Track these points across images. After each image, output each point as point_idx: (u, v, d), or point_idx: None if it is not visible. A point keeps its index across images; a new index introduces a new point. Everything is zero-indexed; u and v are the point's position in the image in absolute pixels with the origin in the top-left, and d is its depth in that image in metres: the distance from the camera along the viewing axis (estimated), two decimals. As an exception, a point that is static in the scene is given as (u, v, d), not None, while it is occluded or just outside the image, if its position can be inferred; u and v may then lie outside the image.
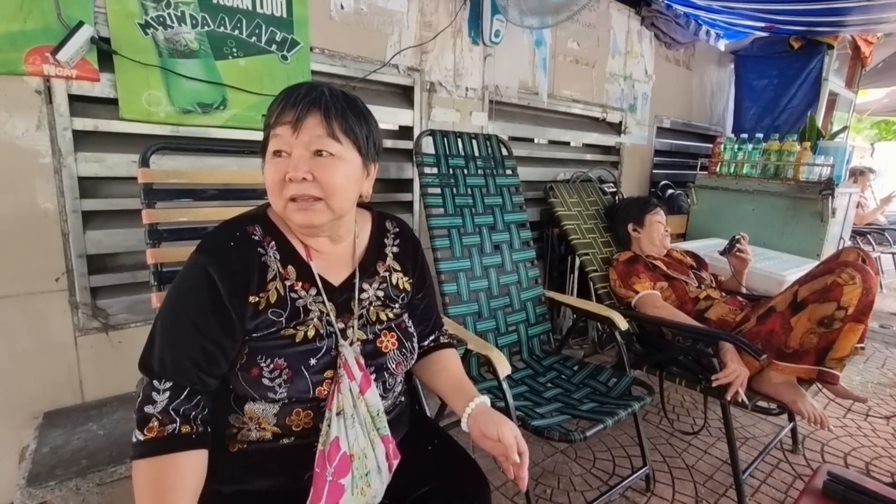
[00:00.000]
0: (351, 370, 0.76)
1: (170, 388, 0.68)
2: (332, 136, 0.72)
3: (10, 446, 1.26)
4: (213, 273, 0.70)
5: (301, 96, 0.72)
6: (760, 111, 3.58)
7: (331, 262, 0.82)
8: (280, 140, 0.72)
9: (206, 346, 0.70)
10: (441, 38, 1.95)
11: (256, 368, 0.72)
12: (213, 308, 0.70)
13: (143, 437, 0.66)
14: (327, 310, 0.78)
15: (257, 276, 0.74)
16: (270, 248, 0.77)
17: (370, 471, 0.77)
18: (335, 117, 0.72)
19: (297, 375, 0.73)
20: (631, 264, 1.84)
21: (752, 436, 1.89)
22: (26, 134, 1.22)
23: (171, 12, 1.36)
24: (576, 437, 1.17)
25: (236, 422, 0.77)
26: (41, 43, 1.20)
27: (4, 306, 1.23)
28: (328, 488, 0.72)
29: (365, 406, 0.77)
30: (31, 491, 1.02)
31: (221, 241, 0.75)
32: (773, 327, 1.48)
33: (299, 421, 0.76)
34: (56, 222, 1.28)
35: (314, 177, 0.71)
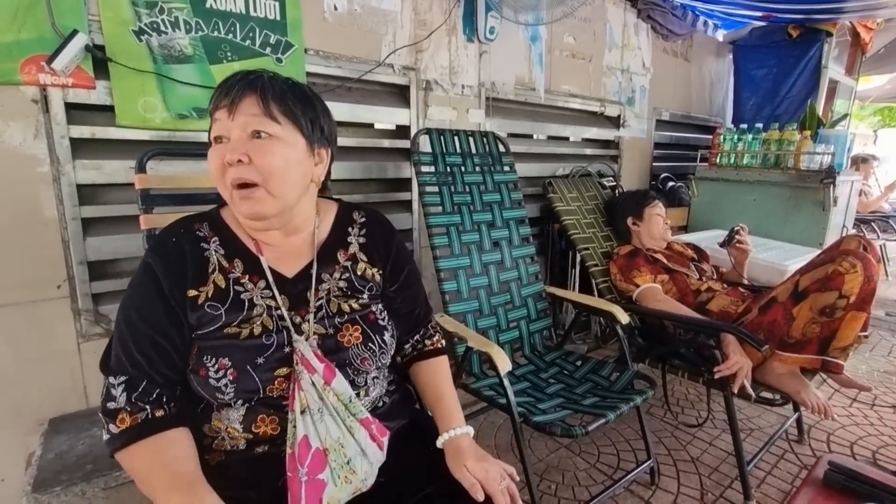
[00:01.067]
0: (310, 363, 0.73)
1: (124, 382, 0.69)
2: (269, 116, 0.71)
3: (17, 453, 1.27)
4: (154, 267, 0.72)
5: (237, 79, 0.72)
6: (760, 101, 3.56)
7: (284, 254, 0.81)
8: (219, 125, 0.72)
9: (155, 338, 0.70)
10: (436, 37, 1.95)
11: (203, 369, 0.71)
12: (158, 300, 0.71)
13: (118, 429, 0.67)
14: (278, 303, 0.76)
15: (198, 270, 0.74)
16: (213, 243, 0.77)
17: (352, 457, 0.75)
18: (272, 97, 0.72)
19: (243, 374, 0.71)
20: (631, 258, 1.83)
21: (757, 427, 1.88)
22: (24, 143, 1.23)
23: (165, 18, 1.37)
24: (578, 431, 1.17)
25: (210, 432, 0.77)
26: (36, 52, 1.21)
27: (8, 314, 1.24)
28: (305, 488, 0.70)
29: (334, 396, 0.75)
30: (37, 497, 1.03)
31: (165, 238, 0.76)
32: (774, 318, 1.48)
33: (266, 428, 0.75)
34: (56, 230, 1.29)
35: (251, 159, 0.70)
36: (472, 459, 0.80)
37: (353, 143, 1.81)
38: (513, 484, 0.79)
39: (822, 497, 0.71)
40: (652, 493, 1.51)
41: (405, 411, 0.94)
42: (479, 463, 0.79)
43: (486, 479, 0.77)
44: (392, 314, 0.89)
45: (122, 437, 0.67)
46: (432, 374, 0.94)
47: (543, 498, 1.48)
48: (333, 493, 0.73)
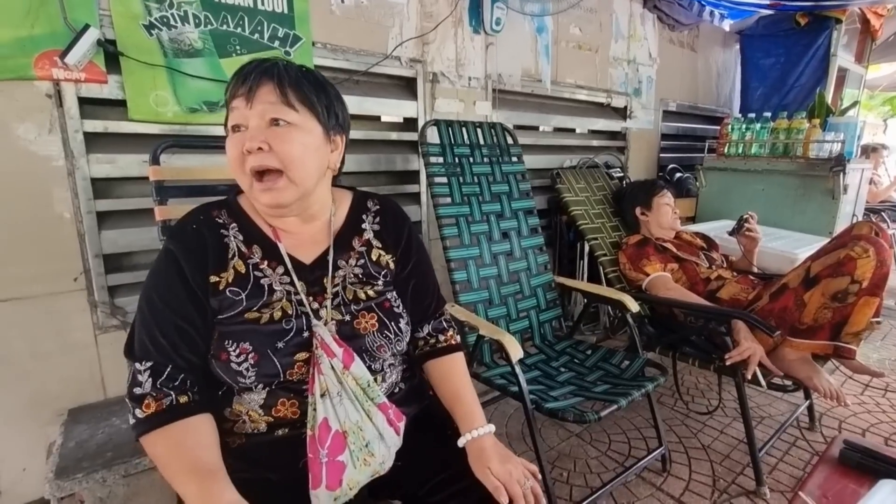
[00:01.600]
0: (329, 348, 0.74)
1: (150, 368, 0.70)
2: (287, 104, 0.72)
3: (38, 442, 1.30)
4: (176, 253, 0.73)
5: (253, 67, 0.73)
6: (768, 90, 3.53)
7: (301, 241, 0.82)
8: (237, 113, 0.72)
9: (179, 323, 0.71)
10: (442, 29, 1.95)
11: (225, 353, 0.72)
12: (181, 286, 0.72)
13: (144, 414, 0.68)
14: (296, 289, 0.77)
15: (217, 255, 0.75)
16: (232, 229, 0.78)
17: (370, 441, 0.76)
18: (289, 85, 0.72)
19: (264, 358, 0.72)
20: (641, 247, 1.83)
21: (769, 415, 1.88)
22: (39, 138, 1.25)
23: (175, 12, 1.38)
24: (590, 417, 1.18)
25: (231, 415, 0.78)
26: (49, 47, 1.22)
27: (27, 307, 1.26)
28: (326, 469, 0.71)
29: (352, 380, 0.76)
30: (59, 484, 1.05)
31: (185, 225, 0.77)
32: (786, 304, 1.47)
33: (286, 411, 0.76)
34: (72, 223, 1.30)
35: (270, 146, 0.70)
36: (496, 461, 0.79)
37: (361, 135, 1.82)
38: (537, 485, 0.79)
39: (839, 475, 0.71)
40: (664, 480, 1.52)
41: (421, 398, 0.95)
42: (504, 465, 0.79)
43: (509, 482, 0.76)
44: (404, 302, 0.89)
45: (147, 422, 0.68)
46: (448, 373, 0.93)
47: (556, 485, 1.49)
48: (353, 475, 0.74)
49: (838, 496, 0.67)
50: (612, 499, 1.44)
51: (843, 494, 0.66)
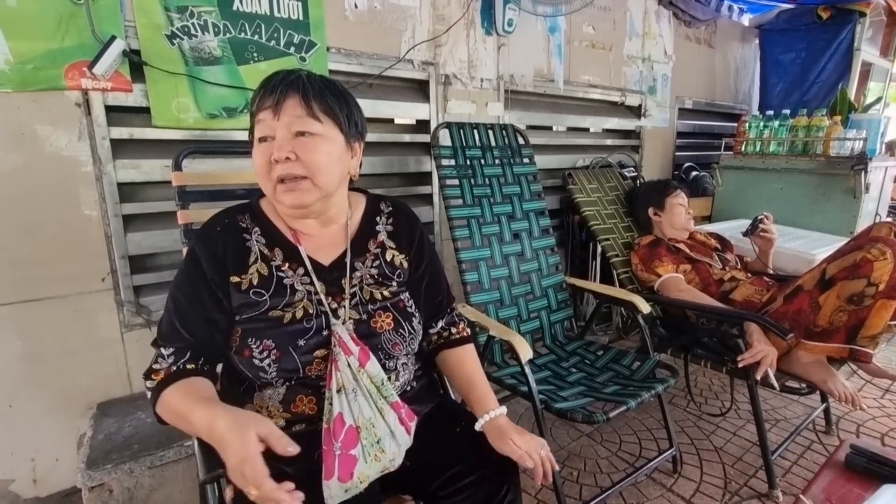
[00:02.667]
0: (346, 345, 0.78)
1: (173, 352, 0.76)
2: (312, 116, 0.76)
3: (69, 435, 1.37)
4: (198, 253, 0.78)
5: (279, 80, 0.76)
6: (788, 86, 3.45)
7: (321, 244, 0.86)
8: (263, 125, 0.76)
9: (201, 320, 0.77)
10: (454, 31, 1.97)
11: (247, 350, 0.76)
12: (201, 284, 0.77)
13: (153, 383, 0.74)
14: (316, 289, 0.81)
15: (238, 258, 0.79)
16: (255, 233, 0.82)
17: (381, 437, 0.79)
18: (314, 97, 0.76)
19: (286, 355, 0.76)
20: (653, 248, 1.83)
21: (784, 418, 1.86)
22: (69, 145, 1.31)
23: (195, 22, 1.43)
24: (599, 418, 1.19)
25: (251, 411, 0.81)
26: (78, 58, 1.28)
27: (58, 306, 1.33)
28: (339, 461, 0.75)
29: (367, 378, 0.79)
30: (90, 473, 1.11)
31: (209, 227, 0.82)
32: (800, 306, 1.46)
33: (304, 408, 0.80)
34: (99, 226, 1.37)
35: (297, 156, 0.75)
36: (516, 435, 0.85)
37: (374, 138, 1.85)
38: (549, 453, 0.87)
39: (844, 479, 0.71)
40: (674, 482, 1.52)
41: (432, 397, 0.98)
42: (521, 437, 0.86)
43: (529, 450, 0.84)
44: (417, 300, 0.93)
45: (157, 388, 0.74)
46: (461, 362, 0.98)
47: (565, 484, 1.51)
48: (363, 469, 0.77)
49: (842, 500, 0.67)
50: (621, 499, 1.45)
51: (847, 499, 0.67)
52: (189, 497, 1.26)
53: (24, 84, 1.24)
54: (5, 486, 1.33)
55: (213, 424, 0.66)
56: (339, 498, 0.76)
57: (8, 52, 1.21)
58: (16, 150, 1.25)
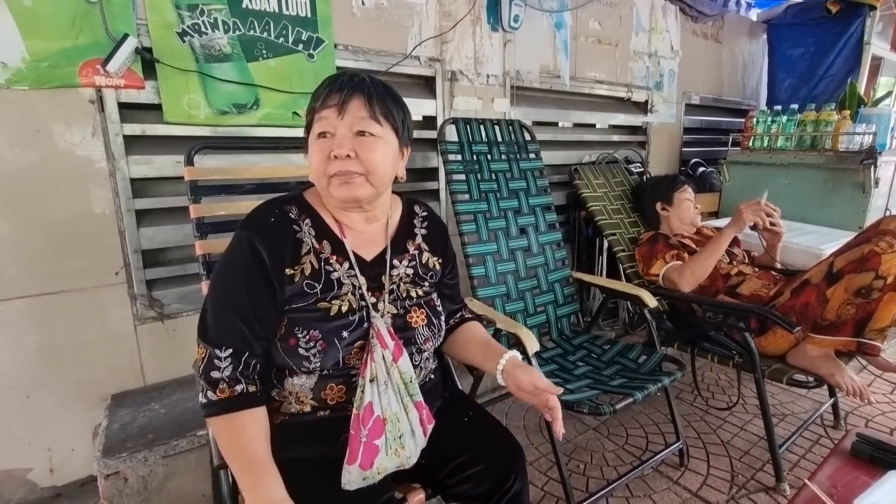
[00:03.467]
0: (383, 339, 0.81)
1: (230, 355, 0.75)
2: (373, 118, 0.79)
3: (85, 425, 1.40)
4: (258, 246, 0.77)
5: (345, 82, 0.79)
6: (796, 81, 3.43)
7: (363, 240, 0.88)
8: (326, 122, 0.78)
9: (256, 311, 0.77)
10: (460, 27, 1.98)
11: (294, 339, 0.78)
12: (260, 277, 0.77)
13: (217, 398, 0.74)
14: (360, 283, 0.83)
15: (292, 250, 0.80)
16: (305, 225, 0.83)
17: (403, 434, 0.82)
18: (376, 101, 0.79)
19: (330, 347, 0.78)
20: (652, 244, 1.82)
21: (791, 412, 1.86)
22: (83, 141, 1.33)
23: (205, 20, 1.45)
24: (605, 409, 1.20)
25: (278, 396, 0.83)
26: (92, 56, 1.31)
27: (74, 299, 1.36)
28: (363, 448, 0.77)
29: (398, 373, 0.82)
30: (106, 462, 1.14)
31: (263, 218, 0.82)
32: (808, 300, 1.46)
33: (333, 395, 0.82)
34: (113, 221, 1.39)
35: (356, 154, 0.77)
36: (536, 374, 0.86)
37: (381, 134, 1.86)
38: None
39: (850, 466, 0.72)
40: (681, 475, 1.53)
41: (443, 392, 1.01)
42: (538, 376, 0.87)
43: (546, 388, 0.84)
44: (443, 299, 0.98)
45: (218, 405, 0.74)
46: (475, 330, 1.03)
47: (572, 477, 1.52)
48: (383, 461, 0.79)
49: (847, 487, 0.68)
50: (628, 491, 1.45)
51: (852, 485, 0.67)
52: (201, 486, 1.28)
53: (39, 82, 1.26)
54: (23, 475, 1.36)
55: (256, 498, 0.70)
56: (355, 484, 0.78)
57: (24, 51, 1.24)
58: (32, 146, 1.27)
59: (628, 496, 1.44)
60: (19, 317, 1.30)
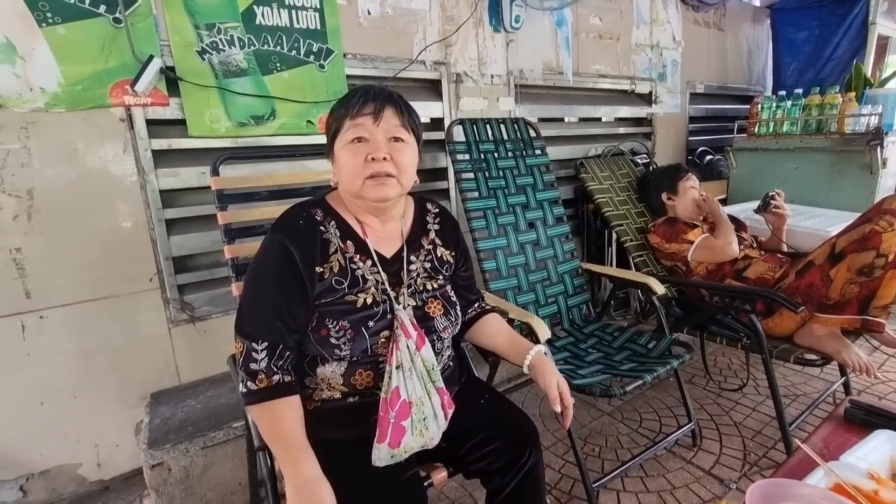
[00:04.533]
0: (407, 329, 0.88)
1: (266, 348, 0.83)
2: (403, 126, 0.89)
3: (127, 423, 1.50)
4: (290, 247, 0.85)
5: (377, 93, 0.88)
6: (802, 65, 3.42)
7: (382, 239, 0.95)
8: (361, 128, 0.86)
9: (290, 306, 0.84)
10: (463, 30, 2.04)
11: (325, 329, 0.85)
12: (292, 275, 0.84)
13: (256, 387, 0.81)
14: (382, 279, 0.91)
15: (321, 250, 0.88)
16: (331, 226, 0.91)
17: (427, 416, 0.88)
18: (404, 111, 0.89)
19: (359, 335, 0.86)
20: (671, 224, 1.87)
21: (804, 393, 1.89)
22: (116, 157, 1.43)
23: (222, 37, 1.53)
24: (615, 391, 1.26)
25: (311, 383, 0.91)
26: (121, 77, 1.40)
27: (112, 305, 1.46)
28: (391, 429, 0.84)
29: (421, 361, 0.89)
30: (152, 453, 1.23)
31: (293, 221, 0.89)
32: (812, 280, 1.49)
33: (362, 381, 0.89)
34: (145, 231, 1.49)
35: (391, 157, 0.86)
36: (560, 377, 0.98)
37: (391, 137, 1.94)
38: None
39: (843, 430, 0.77)
40: (694, 454, 1.57)
41: (461, 378, 1.08)
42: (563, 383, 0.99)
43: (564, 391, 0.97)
44: (458, 293, 1.05)
45: (257, 394, 0.82)
46: (499, 323, 1.12)
47: (587, 459, 1.57)
48: (409, 441, 0.87)
49: (839, 447, 0.73)
50: (642, 471, 1.51)
51: (843, 446, 0.72)
52: (237, 475, 1.37)
53: (74, 104, 1.36)
54: (73, 470, 1.46)
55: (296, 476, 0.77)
56: (384, 461, 0.85)
57: (60, 76, 1.33)
58: (70, 164, 1.37)
59: (643, 475, 1.49)
60: (65, 323, 1.40)
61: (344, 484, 0.78)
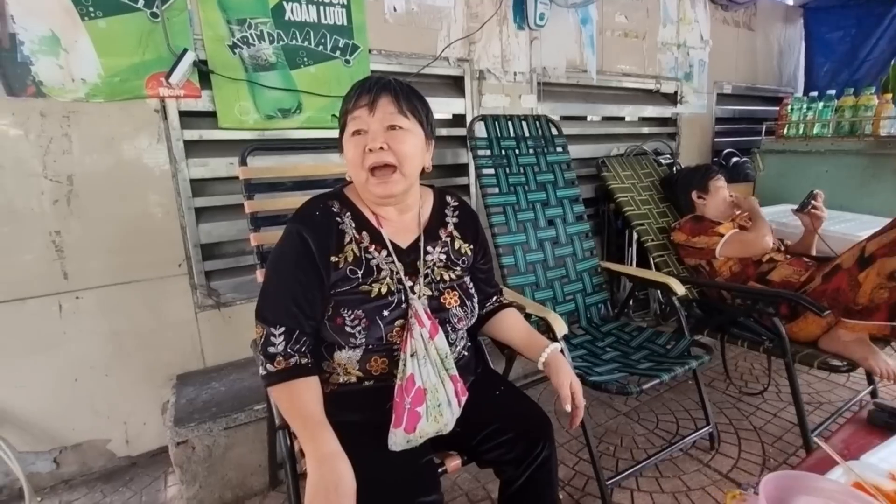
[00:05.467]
0: (421, 318, 0.89)
1: (283, 333, 0.86)
2: (401, 113, 0.88)
3: (154, 402, 1.56)
4: (306, 236, 0.87)
5: (373, 83, 0.88)
6: (836, 66, 3.32)
7: (398, 229, 0.97)
8: (359, 121, 0.87)
9: (306, 294, 0.87)
10: (487, 28, 2.05)
11: (340, 318, 0.87)
12: (309, 264, 0.87)
13: (274, 369, 0.84)
14: (397, 268, 0.92)
15: (336, 240, 0.90)
16: (346, 217, 0.93)
17: (441, 403, 0.90)
18: (402, 98, 0.88)
19: (373, 324, 0.88)
20: (698, 222, 1.85)
21: (828, 401, 1.84)
22: (150, 146, 1.49)
23: (253, 32, 1.58)
24: (632, 389, 1.25)
25: (328, 367, 0.94)
26: (157, 70, 1.46)
27: (143, 288, 1.52)
28: (407, 415, 0.86)
29: (435, 349, 0.90)
30: (178, 430, 1.28)
31: (310, 212, 0.92)
32: (839, 285, 1.46)
33: (377, 367, 0.92)
34: (176, 218, 1.54)
35: (389, 146, 0.86)
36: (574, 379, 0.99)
37: (413, 133, 1.96)
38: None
39: (865, 432, 0.75)
40: (711, 457, 1.55)
41: (475, 368, 1.10)
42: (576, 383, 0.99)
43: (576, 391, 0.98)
44: (477, 284, 1.06)
45: (276, 375, 0.85)
46: (516, 318, 1.13)
47: (602, 458, 1.57)
48: (424, 426, 0.88)
49: (859, 448, 0.71)
50: (657, 471, 1.50)
51: (864, 447, 0.71)
52: (257, 457, 1.41)
53: (113, 95, 1.42)
54: (103, 445, 1.53)
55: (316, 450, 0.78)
56: (400, 446, 0.87)
57: (100, 68, 1.40)
58: (108, 152, 1.43)
59: (658, 476, 1.48)
60: (98, 304, 1.46)
61: (361, 465, 0.80)
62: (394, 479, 0.85)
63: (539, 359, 1.02)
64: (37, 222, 1.36)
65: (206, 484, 1.35)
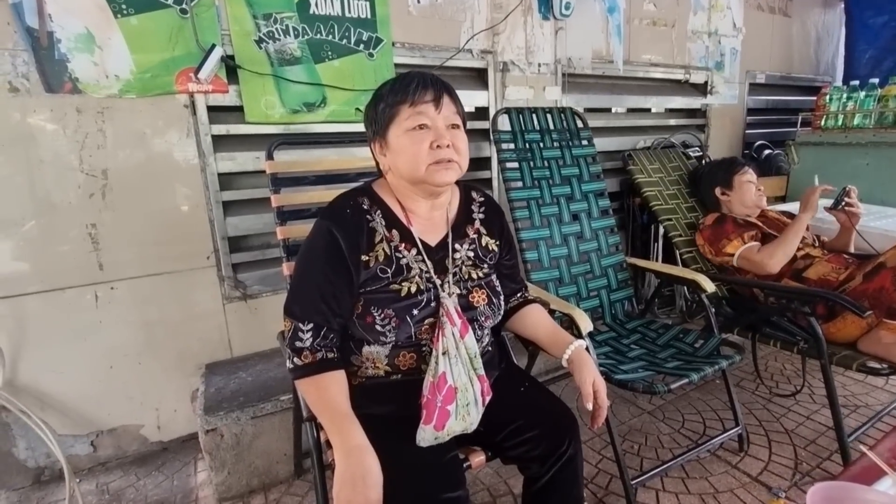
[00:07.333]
0: (452, 317, 0.89)
1: (311, 329, 0.86)
2: (458, 114, 0.91)
3: (185, 390, 1.60)
4: (336, 233, 0.87)
5: (434, 80, 0.89)
6: (879, 53, 3.15)
7: (427, 227, 0.96)
8: (424, 116, 0.87)
9: (335, 291, 0.87)
10: (511, 18, 2.02)
11: (370, 316, 0.87)
12: (338, 261, 0.87)
13: (302, 363, 0.86)
14: (427, 267, 0.92)
15: (367, 238, 0.90)
16: (377, 215, 0.93)
17: (469, 402, 0.90)
18: (457, 98, 0.91)
19: (403, 323, 0.88)
20: (718, 225, 1.78)
21: (865, 404, 1.77)
22: (179, 141, 1.52)
23: (278, 27, 1.59)
24: (660, 388, 1.22)
25: (356, 361, 0.94)
26: (186, 66, 1.48)
27: (173, 280, 1.56)
28: (438, 413, 0.86)
29: (465, 349, 0.90)
30: (207, 418, 1.32)
31: (340, 209, 0.92)
32: (882, 284, 1.39)
33: (405, 362, 0.92)
34: (204, 211, 1.57)
35: (453, 144, 0.88)
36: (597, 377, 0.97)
37: (436, 126, 1.95)
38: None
39: (912, 440, 0.72)
40: (740, 459, 1.51)
41: (500, 361, 1.09)
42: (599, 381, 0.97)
43: (599, 390, 0.96)
44: (502, 280, 1.05)
45: (303, 369, 0.86)
46: (542, 314, 1.12)
47: (626, 456, 1.54)
48: (452, 425, 0.89)
49: (907, 456, 0.68)
50: (683, 472, 1.47)
51: (913, 456, 0.68)
52: (283, 446, 1.44)
53: (144, 90, 1.45)
54: (137, 430, 1.58)
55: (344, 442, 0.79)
56: (427, 442, 0.88)
57: (132, 64, 1.43)
58: (139, 147, 1.47)
59: (684, 477, 1.45)
60: (131, 294, 1.51)
61: (388, 459, 0.81)
62: (420, 474, 0.85)
63: (563, 356, 1.00)
64: (74, 215, 1.41)
65: (234, 471, 1.38)
